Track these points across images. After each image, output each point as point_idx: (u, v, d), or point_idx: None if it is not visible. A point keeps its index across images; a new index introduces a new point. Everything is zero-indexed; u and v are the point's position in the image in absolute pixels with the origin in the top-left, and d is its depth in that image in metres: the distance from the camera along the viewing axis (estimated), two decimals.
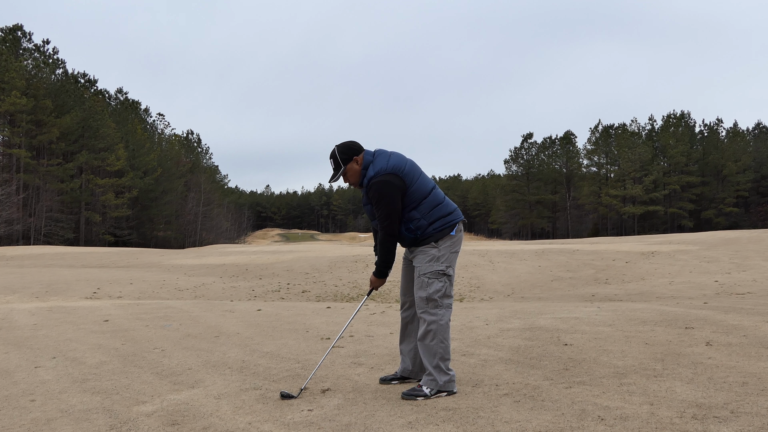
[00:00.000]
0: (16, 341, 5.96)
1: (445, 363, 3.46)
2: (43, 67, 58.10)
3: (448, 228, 3.56)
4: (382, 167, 3.52)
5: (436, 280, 3.51)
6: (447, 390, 3.42)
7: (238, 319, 7.25)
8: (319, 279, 17.74)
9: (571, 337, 5.05)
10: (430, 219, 3.55)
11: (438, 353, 3.46)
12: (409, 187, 3.53)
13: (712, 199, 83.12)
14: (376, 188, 3.49)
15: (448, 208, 3.63)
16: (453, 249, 3.59)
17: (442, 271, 3.52)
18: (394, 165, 3.53)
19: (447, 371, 3.45)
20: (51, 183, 56.21)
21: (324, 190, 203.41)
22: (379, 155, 3.60)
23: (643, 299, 11.40)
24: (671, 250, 21.89)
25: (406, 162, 3.60)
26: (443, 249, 3.55)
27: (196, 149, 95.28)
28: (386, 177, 3.49)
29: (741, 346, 4.42)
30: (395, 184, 3.48)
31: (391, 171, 3.51)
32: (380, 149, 3.66)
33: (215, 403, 3.47)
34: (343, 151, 3.59)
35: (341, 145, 3.64)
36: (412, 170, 3.58)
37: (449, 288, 3.55)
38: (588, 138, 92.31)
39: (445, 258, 3.54)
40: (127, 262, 25.93)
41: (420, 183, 3.58)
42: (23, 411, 3.47)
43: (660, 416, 2.87)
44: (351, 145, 3.63)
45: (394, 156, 3.61)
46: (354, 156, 3.59)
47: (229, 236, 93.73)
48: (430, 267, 3.53)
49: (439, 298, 3.50)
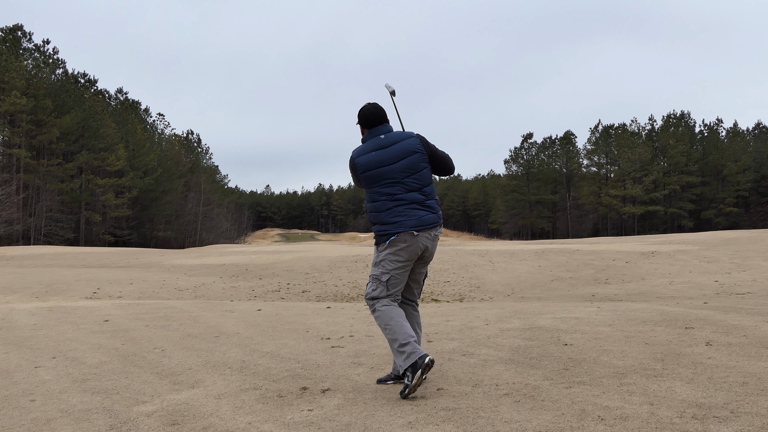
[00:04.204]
0: (16, 341, 5.96)
1: (395, 344, 3.48)
2: (43, 67, 58.11)
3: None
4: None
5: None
6: (413, 363, 3.33)
7: (238, 319, 7.25)
8: (319, 279, 17.74)
9: (571, 337, 5.05)
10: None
11: (388, 337, 3.55)
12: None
13: (712, 199, 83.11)
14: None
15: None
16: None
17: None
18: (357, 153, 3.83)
19: (402, 349, 3.42)
20: (51, 183, 56.20)
21: (324, 190, 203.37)
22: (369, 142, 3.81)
23: (643, 299, 11.40)
24: (671, 250, 21.89)
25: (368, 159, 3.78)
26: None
27: (196, 149, 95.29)
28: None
29: (741, 346, 4.42)
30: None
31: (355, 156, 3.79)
32: (377, 138, 3.77)
33: (215, 403, 3.47)
34: (358, 114, 3.85)
35: (367, 109, 3.82)
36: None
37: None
38: (588, 138, 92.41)
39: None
40: (127, 262, 25.93)
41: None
42: (23, 411, 3.47)
43: (660, 416, 2.87)
44: (365, 113, 3.81)
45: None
46: (360, 124, 3.87)
47: (229, 236, 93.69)
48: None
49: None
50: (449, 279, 17.12)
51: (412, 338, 3.45)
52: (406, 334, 3.45)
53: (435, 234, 3.70)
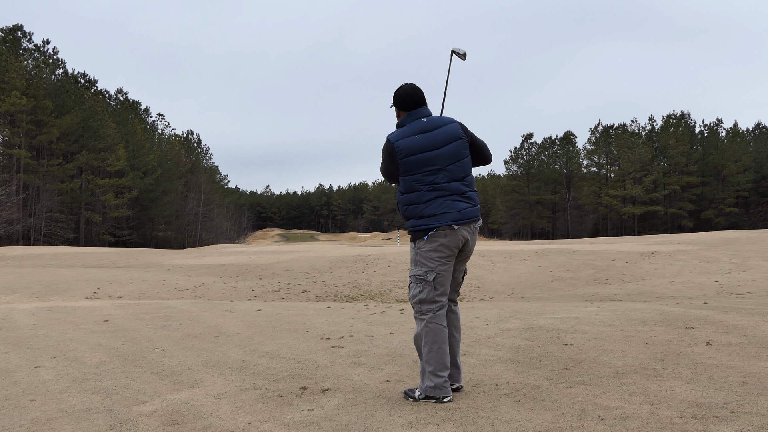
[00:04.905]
0: (16, 341, 5.96)
1: (428, 367, 3.34)
2: (43, 67, 58.11)
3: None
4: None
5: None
6: (434, 396, 3.30)
7: (238, 319, 7.25)
8: (319, 279, 17.74)
9: (571, 337, 5.05)
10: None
11: (424, 358, 3.39)
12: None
13: (712, 200, 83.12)
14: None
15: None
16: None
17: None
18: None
19: (433, 378, 3.32)
20: (51, 183, 56.22)
21: (324, 190, 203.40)
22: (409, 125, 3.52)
23: (643, 299, 11.40)
24: (671, 250, 21.89)
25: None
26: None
27: (196, 149, 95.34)
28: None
29: (741, 345, 4.42)
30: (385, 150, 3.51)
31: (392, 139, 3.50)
32: (419, 122, 3.49)
33: (215, 403, 3.47)
34: (395, 95, 3.59)
35: (405, 90, 3.56)
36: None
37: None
38: (588, 138, 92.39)
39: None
40: (127, 262, 25.93)
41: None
42: (23, 411, 3.47)
43: (660, 416, 2.87)
44: (403, 94, 3.55)
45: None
46: (395, 107, 3.61)
47: (229, 236, 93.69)
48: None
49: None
50: None
51: (447, 371, 3.35)
52: (443, 366, 3.33)
53: (474, 227, 3.46)
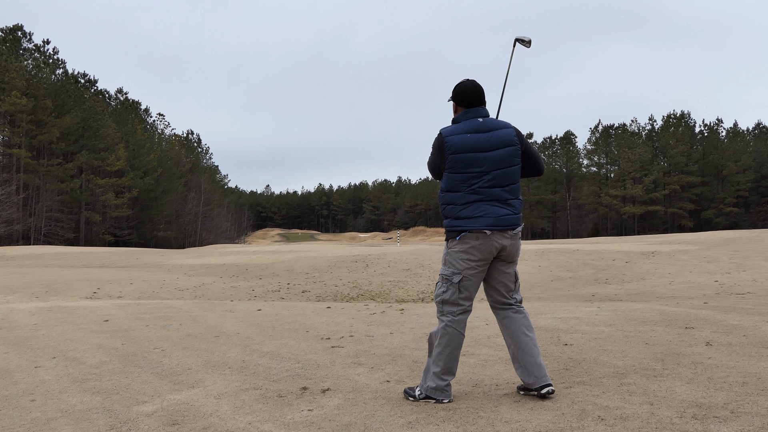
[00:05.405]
0: (16, 341, 5.96)
1: (435, 368, 3.32)
2: (43, 67, 58.08)
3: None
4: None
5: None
6: (434, 398, 3.29)
7: (238, 319, 7.25)
8: (319, 279, 17.74)
9: (571, 337, 5.05)
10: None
11: (433, 357, 3.37)
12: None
13: (712, 199, 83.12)
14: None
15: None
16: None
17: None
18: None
19: (436, 379, 3.30)
20: (51, 183, 56.20)
21: (324, 190, 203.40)
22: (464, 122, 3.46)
23: (643, 299, 11.40)
24: (671, 250, 21.89)
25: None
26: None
27: (196, 149, 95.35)
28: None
29: (741, 346, 4.42)
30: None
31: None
32: (474, 121, 3.42)
33: (215, 403, 3.47)
34: (455, 90, 3.52)
35: (465, 87, 3.48)
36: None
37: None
38: (588, 138, 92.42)
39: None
40: (127, 262, 25.93)
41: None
42: (23, 411, 3.47)
43: (660, 416, 2.87)
44: (464, 90, 3.47)
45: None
46: (453, 101, 3.53)
47: (229, 236, 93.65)
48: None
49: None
50: None
51: (452, 376, 3.34)
52: (449, 370, 3.32)
53: (513, 233, 3.35)
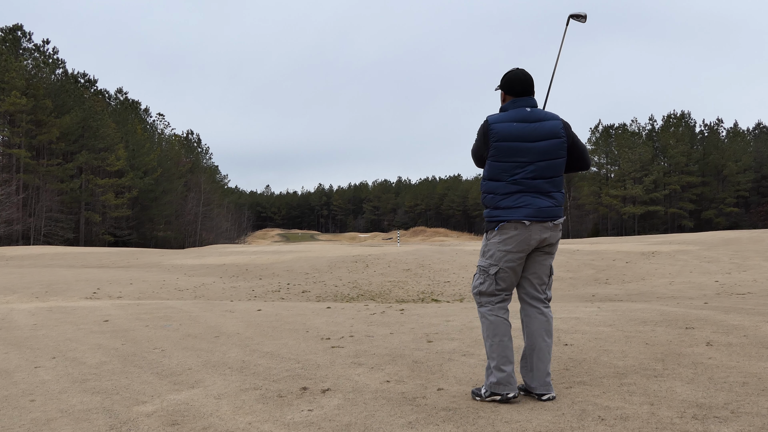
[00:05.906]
0: (16, 341, 5.96)
1: (491, 362, 3.27)
2: (43, 67, 58.08)
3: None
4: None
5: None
6: (498, 393, 3.21)
7: (238, 319, 7.25)
8: (319, 279, 17.73)
9: (571, 337, 5.05)
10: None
11: (487, 353, 3.33)
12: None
13: (713, 199, 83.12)
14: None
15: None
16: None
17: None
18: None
19: (496, 372, 3.23)
20: (51, 183, 56.19)
21: (324, 190, 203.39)
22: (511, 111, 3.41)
23: (643, 299, 11.40)
24: (671, 250, 21.89)
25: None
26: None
27: (196, 149, 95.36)
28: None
29: (741, 346, 4.42)
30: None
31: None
32: (522, 110, 3.37)
33: (215, 403, 3.47)
34: (505, 77, 3.48)
35: (516, 75, 3.44)
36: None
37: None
38: (588, 138, 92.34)
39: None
40: (127, 262, 25.93)
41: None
42: (23, 411, 3.47)
43: (660, 416, 2.87)
44: (514, 78, 3.43)
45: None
46: (502, 89, 3.50)
47: (229, 236, 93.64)
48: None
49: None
50: (449, 279, 17.12)
51: (511, 365, 3.23)
52: (506, 359, 3.23)
53: (554, 224, 3.31)
